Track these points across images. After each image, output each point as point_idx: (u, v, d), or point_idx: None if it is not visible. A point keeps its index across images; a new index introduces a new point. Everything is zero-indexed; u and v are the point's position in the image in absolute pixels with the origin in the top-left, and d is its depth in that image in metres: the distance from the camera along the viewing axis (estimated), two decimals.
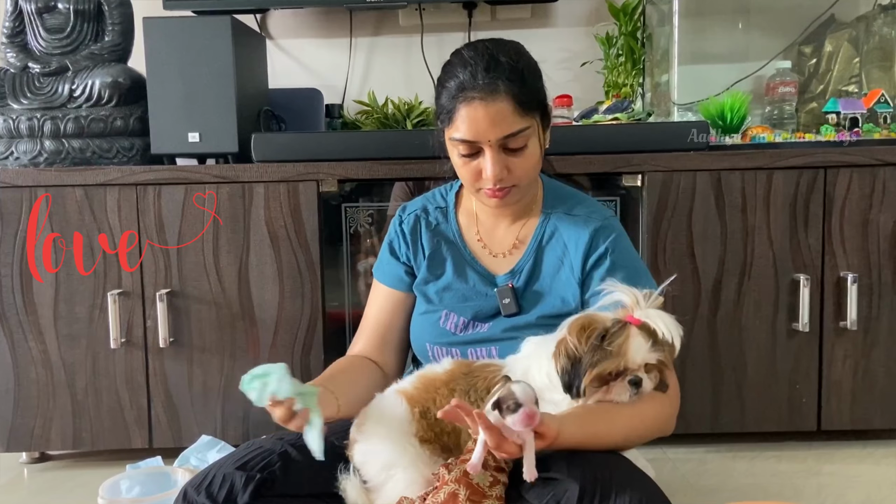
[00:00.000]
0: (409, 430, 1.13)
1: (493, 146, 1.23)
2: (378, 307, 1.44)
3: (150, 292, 1.83)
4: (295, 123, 2.23)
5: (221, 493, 1.08)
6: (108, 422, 1.86)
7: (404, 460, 1.11)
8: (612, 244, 1.31)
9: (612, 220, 1.36)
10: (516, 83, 1.22)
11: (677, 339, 1.09)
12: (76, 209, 1.81)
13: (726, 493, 1.65)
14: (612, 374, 1.09)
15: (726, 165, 1.80)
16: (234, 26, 1.87)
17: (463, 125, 1.23)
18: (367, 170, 1.81)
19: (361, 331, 1.45)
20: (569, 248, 1.34)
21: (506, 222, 1.39)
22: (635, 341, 1.07)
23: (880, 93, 1.95)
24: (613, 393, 1.09)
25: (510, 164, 1.25)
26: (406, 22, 2.43)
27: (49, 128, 1.90)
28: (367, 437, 1.16)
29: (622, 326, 1.08)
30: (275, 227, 1.82)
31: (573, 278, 1.32)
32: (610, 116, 2.01)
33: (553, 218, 1.37)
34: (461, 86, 1.23)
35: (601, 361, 1.07)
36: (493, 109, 1.21)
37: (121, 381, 1.85)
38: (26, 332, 1.84)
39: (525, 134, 1.24)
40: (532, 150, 1.27)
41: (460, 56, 1.27)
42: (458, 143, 1.25)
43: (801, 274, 1.81)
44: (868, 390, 1.85)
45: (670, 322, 1.08)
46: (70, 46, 1.99)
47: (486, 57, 1.24)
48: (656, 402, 1.14)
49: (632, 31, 2.23)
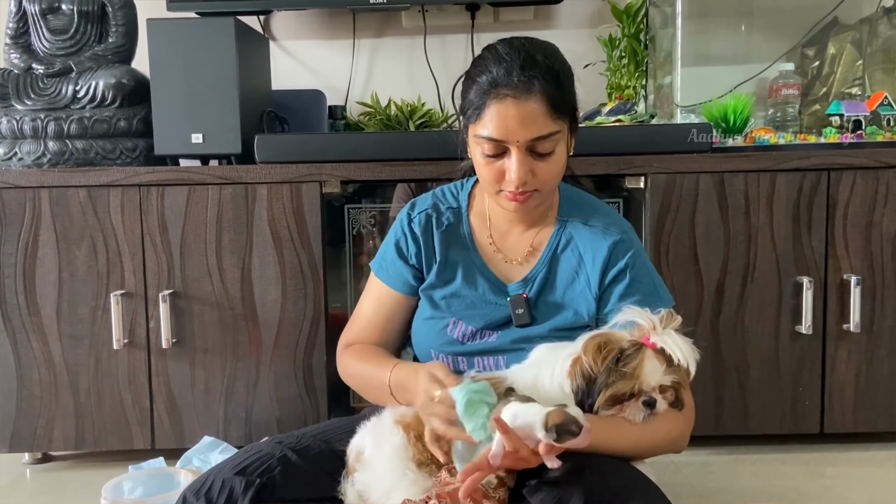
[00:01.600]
0: (406, 456, 1.12)
1: (520, 148, 1.18)
2: (375, 306, 1.39)
3: (152, 293, 1.83)
4: (298, 125, 2.23)
5: (221, 498, 1.08)
6: (111, 422, 1.86)
7: (404, 482, 1.10)
8: (632, 260, 1.28)
9: (630, 233, 1.32)
10: (552, 84, 1.17)
11: (692, 363, 1.07)
12: (79, 210, 1.81)
13: (730, 495, 1.65)
14: (627, 395, 1.08)
15: (729, 167, 1.80)
16: (237, 27, 1.88)
17: (491, 123, 1.18)
18: (369, 171, 1.81)
19: (352, 327, 1.40)
20: (585, 260, 1.30)
21: (520, 228, 1.34)
22: (650, 364, 1.07)
23: (883, 95, 1.95)
24: (627, 413, 1.09)
25: (535, 169, 1.20)
26: (409, 23, 2.43)
27: (53, 129, 1.90)
28: (366, 466, 1.15)
29: (638, 349, 1.07)
30: (277, 228, 1.82)
31: (589, 292, 1.28)
32: (613, 118, 2.01)
33: (569, 226, 1.32)
34: (494, 82, 1.18)
35: (616, 382, 1.07)
36: (525, 109, 1.16)
37: (123, 382, 1.85)
38: (29, 332, 1.84)
39: (555, 138, 1.19)
40: (559, 156, 1.22)
41: (494, 51, 1.22)
42: (483, 140, 1.20)
43: (804, 276, 1.81)
44: (871, 393, 1.85)
45: (686, 347, 1.07)
46: (74, 47, 2.00)
47: (524, 54, 1.18)
48: (670, 419, 1.13)
49: (635, 33, 2.23)
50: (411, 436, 1.13)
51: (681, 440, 1.18)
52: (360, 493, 1.14)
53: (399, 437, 1.14)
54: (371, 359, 1.31)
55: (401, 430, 1.15)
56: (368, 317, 1.39)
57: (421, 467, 1.11)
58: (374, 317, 1.38)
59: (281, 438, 1.23)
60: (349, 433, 1.24)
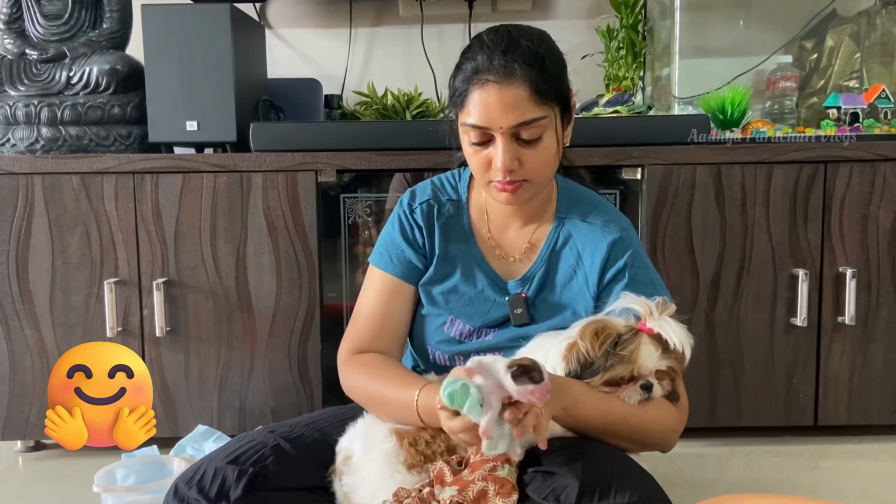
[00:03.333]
0: (396, 461, 1.12)
1: (505, 134, 1.16)
2: (376, 301, 1.32)
3: (146, 281, 1.82)
4: (294, 114, 2.22)
5: (213, 487, 1.07)
6: None
7: (392, 484, 1.09)
8: (631, 259, 1.26)
9: (629, 231, 1.30)
10: (535, 68, 1.15)
11: (688, 349, 1.08)
12: (73, 197, 1.80)
13: (723, 486, 1.65)
14: (625, 379, 1.10)
15: (726, 159, 1.79)
16: (233, 15, 1.86)
17: (475, 110, 1.16)
18: (365, 160, 1.80)
19: (354, 328, 1.33)
20: (583, 258, 1.28)
21: (517, 223, 1.32)
22: (646, 349, 1.08)
23: (881, 88, 1.95)
24: (624, 395, 1.10)
25: (522, 156, 1.18)
26: (406, 13, 2.42)
27: (46, 115, 1.89)
28: (354, 470, 1.14)
29: (634, 334, 1.09)
30: (273, 217, 1.81)
31: (587, 290, 1.27)
32: (610, 109, 2.00)
33: (567, 223, 1.30)
34: (476, 68, 1.16)
35: (613, 366, 1.08)
36: (507, 94, 1.14)
37: None
38: (22, 319, 1.83)
39: (540, 124, 1.16)
40: (547, 144, 1.19)
41: (480, 39, 1.20)
42: (469, 129, 1.18)
43: (799, 269, 1.81)
44: (865, 386, 1.85)
45: (682, 332, 1.08)
46: (68, 33, 1.98)
47: (507, 40, 1.17)
48: (664, 407, 1.13)
49: (633, 24, 2.22)
50: (404, 442, 1.13)
51: (672, 434, 1.17)
52: (346, 495, 1.14)
53: (392, 444, 1.13)
54: (388, 376, 1.22)
55: (394, 438, 1.14)
56: (371, 313, 1.32)
57: (412, 469, 1.11)
58: (377, 312, 1.32)
59: (274, 427, 1.22)
60: (342, 422, 1.24)
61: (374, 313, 1.32)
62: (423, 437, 1.12)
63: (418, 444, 1.12)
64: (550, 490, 1.00)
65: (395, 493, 1.07)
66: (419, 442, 1.12)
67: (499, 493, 1.00)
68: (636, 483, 1.00)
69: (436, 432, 1.12)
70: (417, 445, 1.12)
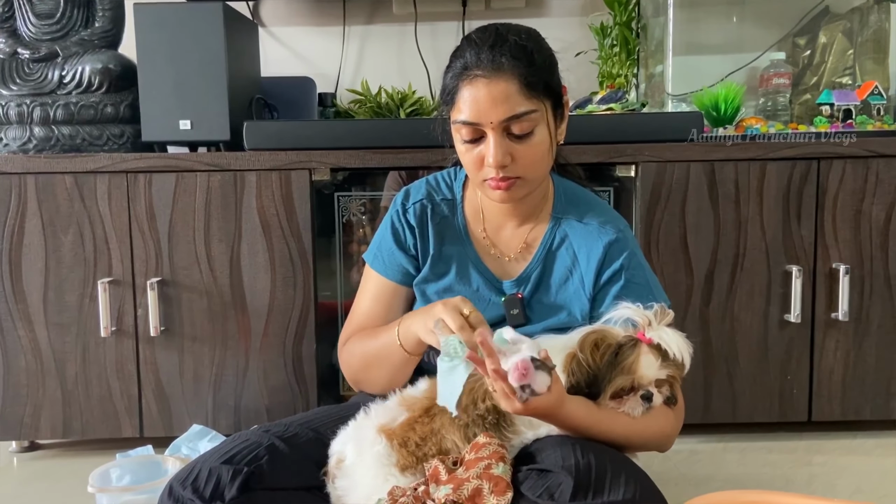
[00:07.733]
0: (388, 463, 1.11)
1: (495, 129, 1.16)
2: (373, 299, 1.36)
3: (140, 281, 1.82)
4: (287, 112, 2.21)
5: (208, 487, 1.06)
6: (99, 411, 1.85)
7: (385, 487, 1.09)
8: (627, 260, 1.26)
9: (626, 232, 1.30)
10: (522, 61, 1.15)
11: (687, 358, 1.08)
12: (66, 196, 1.80)
13: (717, 482, 1.66)
14: (626, 390, 1.09)
15: (720, 156, 1.80)
16: (226, 13, 1.86)
17: (465, 106, 1.17)
18: (359, 159, 1.80)
19: (352, 323, 1.37)
20: (579, 259, 1.28)
21: (513, 223, 1.32)
22: (646, 359, 1.07)
23: (874, 84, 1.96)
24: (626, 407, 1.10)
25: (514, 152, 1.18)
26: (400, 10, 2.42)
27: (38, 114, 1.88)
28: (346, 473, 1.14)
29: (634, 344, 1.08)
30: (267, 216, 1.81)
31: (583, 292, 1.27)
32: (604, 107, 2.00)
33: (563, 224, 1.30)
34: (465, 65, 1.17)
35: (615, 378, 1.08)
36: (496, 88, 1.14)
37: (111, 370, 1.84)
38: (15, 319, 1.82)
39: (531, 118, 1.17)
40: (539, 139, 1.19)
41: (469, 38, 1.21)
42: (460, 126, 1.19)
43: (793, 265, 1.81)
44: (859, 381, 1.86)
45: (681, 341, 1.08)
46: (60, 32, 1.97)
47: (494, 36, 1.18)
48: (661, 416, 1.14)
49: (626, 21, 2.22)
50: (395, 443, 1.12)
51: (669, 438, 1.19)
52: (339, 498, 1.13)
53: (382, 445, 1.12)
54: (373, 333, 1.30)
55: (384, 438, 1.13)
56: (366, 312, 1.36)
57: (405, 471, 1.11)
58: (372, 313, 1.35)
59: (269, 427, 1.22)
60: (337, 421, 1.23)
61: (369, 313, 1.36)
62: (412, 438, 1.12)
63: (408, 444, 1.12)
64: (545, 488, 0.99)
65: (390, 492, 1.06)
66: (409, 443, 1.12)
67: (493, 492, 1.00)
68: (630, 480, 1.00)
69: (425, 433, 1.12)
70: (408, 446, 1.12)
